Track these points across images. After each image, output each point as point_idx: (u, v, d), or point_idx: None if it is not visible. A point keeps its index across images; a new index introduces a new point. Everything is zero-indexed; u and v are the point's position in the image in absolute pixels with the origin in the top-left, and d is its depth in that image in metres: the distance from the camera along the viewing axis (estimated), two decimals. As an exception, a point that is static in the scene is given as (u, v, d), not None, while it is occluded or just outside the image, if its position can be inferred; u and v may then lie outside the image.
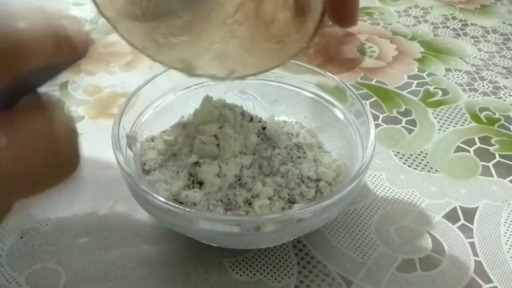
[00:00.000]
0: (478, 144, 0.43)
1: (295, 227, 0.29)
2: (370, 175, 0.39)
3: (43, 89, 0.21)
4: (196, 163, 0.32)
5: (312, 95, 0.39)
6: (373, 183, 0.39)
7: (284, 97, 0.40)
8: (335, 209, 0.30)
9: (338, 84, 0.37)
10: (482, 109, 0.47)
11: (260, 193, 0.32)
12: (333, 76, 0.37)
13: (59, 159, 0.21)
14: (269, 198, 0.32)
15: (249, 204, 0.32)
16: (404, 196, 0.38)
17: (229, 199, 0.32)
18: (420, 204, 0.37)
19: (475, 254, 0.34)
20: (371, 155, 0.31)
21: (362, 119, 0.34)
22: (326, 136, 0.38)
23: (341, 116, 0.37)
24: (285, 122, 0.38)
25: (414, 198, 0.38)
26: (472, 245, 0.34)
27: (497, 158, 0.41)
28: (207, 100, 0.34)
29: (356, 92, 0.36)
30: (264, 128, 0.34)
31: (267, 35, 0.28)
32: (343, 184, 0.31)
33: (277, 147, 0.34)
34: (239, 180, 0.32)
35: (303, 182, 0.33)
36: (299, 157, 0.34)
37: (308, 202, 0.32)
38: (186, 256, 0.33)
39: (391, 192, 0.38)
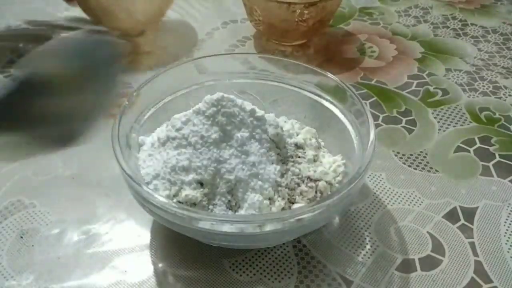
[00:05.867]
0: (478, 144, 0.43)
1: (295, 227, 0.29)
2: (370, 175, 0.39)
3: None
4: None
5: (312, 95, 0.39)
6: (373, 183, 0.39)
7: (284, 97, 0.40)
8: (335, 209, 0.30)
9: (338, 84, 0.37)
10: (482, 109, 0.47)
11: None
12: (333, 76, 0.37)
13: None
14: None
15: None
16: (404, 196, 0.38)
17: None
18: (420, 204, 0.37)
19: (475, 254, 0.34)
20: (371, 155, 0.31)
21: (362, 119, 0.34)
22: (326, 136, 0.38)
23: (341, 116, 0.37)
24: (285, 122, 0.38)
25: (414, 198, 0.38)
26: (472, 245, 0.34)
27: (497, 158, 0.41)
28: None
29: (356, 92, 0.36)
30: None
31: None
32: (343, 184, 0.31)
33: (277, 147, 0.34)
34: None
35: (303, 182, 0.33)
36: (299, 157, 0.34)
37: (308, 202, 0.32)
38: (186, 256, 0.33)
39: (391, 192, 0.38)
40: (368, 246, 0.34)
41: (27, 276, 0.32)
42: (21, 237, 0.34)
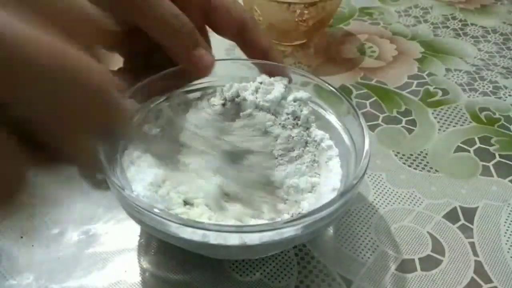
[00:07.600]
0: (478, 144, 0.43)
1: (278, 243, 0.27)
2: (370, 175, 0.39)
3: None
4: None
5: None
6: (373, 183, 0.39)
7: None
8: (323, 224, 0.27)
9: (333, 91, 0.35)
10: (482, 109, 0.47)
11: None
12: (328, 83, 0.35)
13: None
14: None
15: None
16: (404, 196, 0.38)
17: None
18: (420, 204, 0.37)
19: (475, 254, 0.34)
20: (366, 166, 0.29)
21: (357, 128, 0.32)
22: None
23: (336, 124, 0.35)
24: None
25: (414, 198, 0.38)
26: (472, 245, 0.34)
27: (497, 158, 0.41)
28: None
29: (356, 92, 0.35)
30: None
31: None
32: (336, 196, 0.28)
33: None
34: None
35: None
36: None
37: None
38: (186, 256, 0.33)
39: (391, 192, 0.38)
40: (368, 246, 0.34)
41: (27, 276, 0.32)
42: (21, 237, 0.34)
